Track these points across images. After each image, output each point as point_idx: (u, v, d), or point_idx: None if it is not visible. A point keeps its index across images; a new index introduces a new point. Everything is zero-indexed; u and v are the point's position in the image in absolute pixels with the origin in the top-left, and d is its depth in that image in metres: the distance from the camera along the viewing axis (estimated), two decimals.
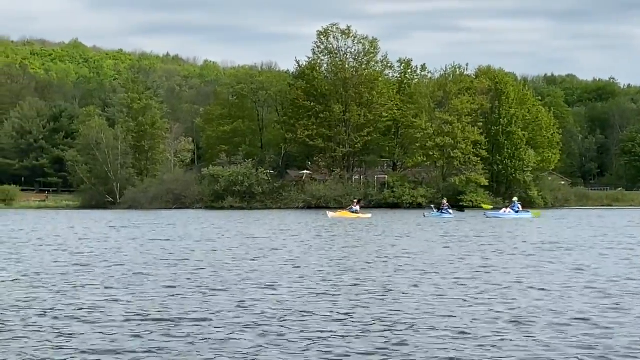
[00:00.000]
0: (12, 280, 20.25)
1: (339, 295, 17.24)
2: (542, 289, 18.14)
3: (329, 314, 14.73)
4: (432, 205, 78.27)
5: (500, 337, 12.58)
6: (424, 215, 70.77)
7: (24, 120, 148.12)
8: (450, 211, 72.39)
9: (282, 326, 13.53)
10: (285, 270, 22.44)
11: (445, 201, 75.91)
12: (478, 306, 15.57)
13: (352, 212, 70.00)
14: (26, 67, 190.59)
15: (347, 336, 12.66)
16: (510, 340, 12.40)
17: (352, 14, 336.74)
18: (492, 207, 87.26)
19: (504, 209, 72.82)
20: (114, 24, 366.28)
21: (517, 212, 68.98)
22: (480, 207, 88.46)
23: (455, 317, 14.37)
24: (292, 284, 19.14)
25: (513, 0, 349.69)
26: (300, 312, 14.92)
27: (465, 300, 16.32)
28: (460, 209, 74.53)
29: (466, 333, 12.90)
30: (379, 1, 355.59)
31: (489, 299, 16.57)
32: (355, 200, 76.01)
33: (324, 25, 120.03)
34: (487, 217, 67.89)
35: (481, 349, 11.80)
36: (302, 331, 13.09)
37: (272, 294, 17.35)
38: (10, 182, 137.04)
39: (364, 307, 15.49)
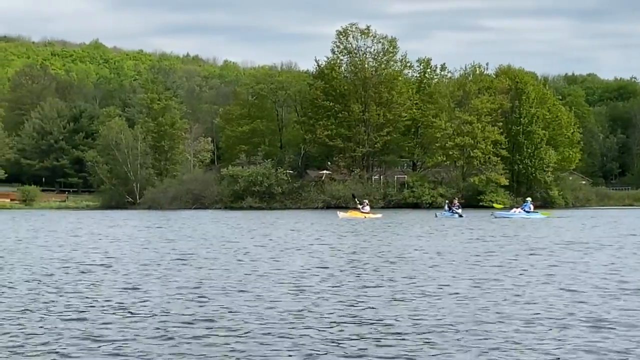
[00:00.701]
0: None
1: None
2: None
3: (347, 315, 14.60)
4: (447, 201, 76.88)
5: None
6: (436, 216, 69.39)
7: (45, 120, 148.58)
8: (460, 211, 70.62)
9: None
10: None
11: (456, 200, 74.73)
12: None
13: (362, 212, 69.51)
14: (47, 67, 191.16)
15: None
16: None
17: (372, 13, 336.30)
18: (503, 206, 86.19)
19: (514, 209, 71.77)
20: (135, 25, 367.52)
21: (527, 212, 68.09)
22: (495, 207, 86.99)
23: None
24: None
25: (533, 0, 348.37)
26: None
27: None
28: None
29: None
30: (399, 1, 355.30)
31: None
32: (366, 201, 74.79)
33: (343, 25, 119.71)
34: (496, 217, 66.76)
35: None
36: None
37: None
38: (30, 182, 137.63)
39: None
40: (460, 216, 68.44)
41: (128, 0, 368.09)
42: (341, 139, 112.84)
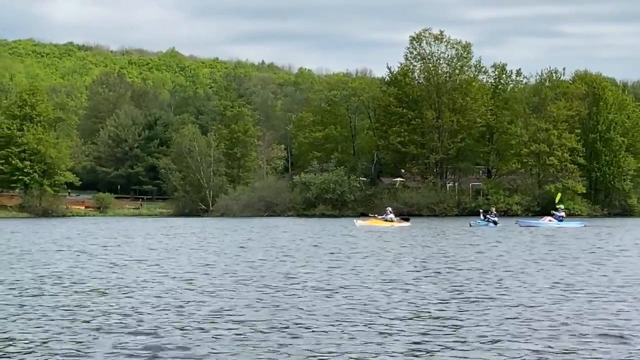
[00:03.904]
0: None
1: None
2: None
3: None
4: (482, 210, 73.66)
5: None
6: (470, 225, 66.39)
7: (120, 128, 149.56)
8: (496, 219, 67.14)
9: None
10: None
11: (493, 209, 72.11)
12: None
13: (386, 220, 66.32)
14: (123, 76, 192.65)
15: None
16: None
17: (450, 19, 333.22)
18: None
19: (544, 217, 68.95)
20: (211, 33, 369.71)
21: (560, 221, 65.70)
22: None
23: None
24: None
25: (614, 5, 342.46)
26: None
27: None
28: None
29: None
30: (477, 7, 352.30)
31: None
32: (389, 209, 70.10)
33: (416, 31, 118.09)
34: (520, 226, 64.30)
35: None
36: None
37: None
38: (106, 189, 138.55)
39: None
40: (495, 224, 65.79)
41: (205, 9, 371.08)
42: (414, 145, 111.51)
